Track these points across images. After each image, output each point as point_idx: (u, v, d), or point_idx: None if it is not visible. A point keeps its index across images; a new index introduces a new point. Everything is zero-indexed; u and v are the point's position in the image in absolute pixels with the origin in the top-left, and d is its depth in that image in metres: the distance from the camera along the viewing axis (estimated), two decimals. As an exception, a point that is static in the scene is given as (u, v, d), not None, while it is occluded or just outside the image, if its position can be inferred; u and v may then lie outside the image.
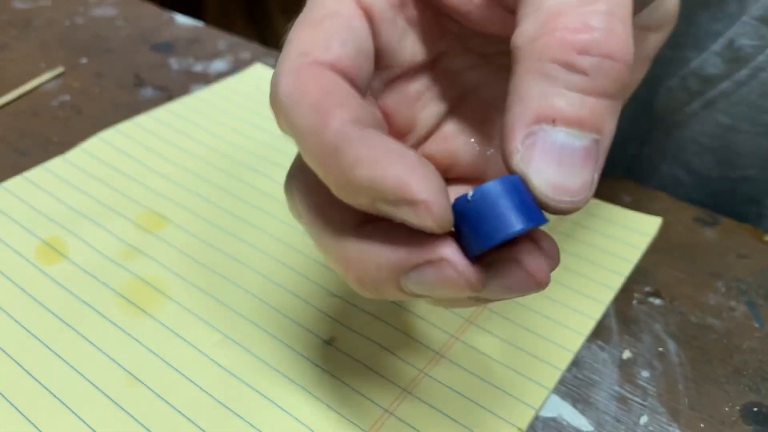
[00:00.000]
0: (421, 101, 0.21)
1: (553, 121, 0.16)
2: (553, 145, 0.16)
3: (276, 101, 0.17)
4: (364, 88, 0.18)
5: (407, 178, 0.15)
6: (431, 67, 0.21)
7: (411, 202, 0.15)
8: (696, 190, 0.39)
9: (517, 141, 0.16)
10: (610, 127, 0.16)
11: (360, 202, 0.16)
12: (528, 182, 0.16)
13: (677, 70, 0.37)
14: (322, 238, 0.18)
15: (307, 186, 0.18)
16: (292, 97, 0.16)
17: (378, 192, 0.15)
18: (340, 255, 0.18)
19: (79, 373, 0.25)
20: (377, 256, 0.17)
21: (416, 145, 0.21)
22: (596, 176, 0.16)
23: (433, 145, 0.21)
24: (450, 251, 0.16)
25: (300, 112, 0.16)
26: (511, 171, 0.16)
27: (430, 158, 0.20)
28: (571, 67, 0.16)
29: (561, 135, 0.16)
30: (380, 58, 0.19)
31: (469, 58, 0.22)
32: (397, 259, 0.17)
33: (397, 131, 0.21)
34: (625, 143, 0.43)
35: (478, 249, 0.16)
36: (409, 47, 0.20)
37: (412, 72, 0.20)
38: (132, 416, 0.24)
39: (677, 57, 0.37)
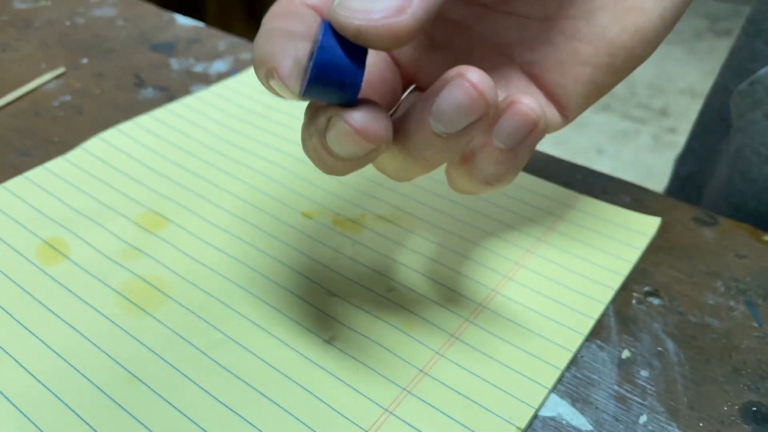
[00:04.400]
0: None
1: None
2: None
3: None
4: None
5: (275, 53, 0.18)
6: None
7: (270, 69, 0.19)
8: (752, 198, 0.39)
9: None
10: None
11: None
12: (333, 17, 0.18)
13: (748, 75, 0.38)
14: None
15: None
16: None
17: (258, 62, 0.19)
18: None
19: (79, 372, 0.25)
20: None
21: None
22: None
23: None
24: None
25: None
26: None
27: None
28: None
29: None
30: None
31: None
32: None
33: None
34: (695, 141, 0.43)
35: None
36: None
37: None
38: (132, 415, 0.24)
39: (751, 65, 0.38)
